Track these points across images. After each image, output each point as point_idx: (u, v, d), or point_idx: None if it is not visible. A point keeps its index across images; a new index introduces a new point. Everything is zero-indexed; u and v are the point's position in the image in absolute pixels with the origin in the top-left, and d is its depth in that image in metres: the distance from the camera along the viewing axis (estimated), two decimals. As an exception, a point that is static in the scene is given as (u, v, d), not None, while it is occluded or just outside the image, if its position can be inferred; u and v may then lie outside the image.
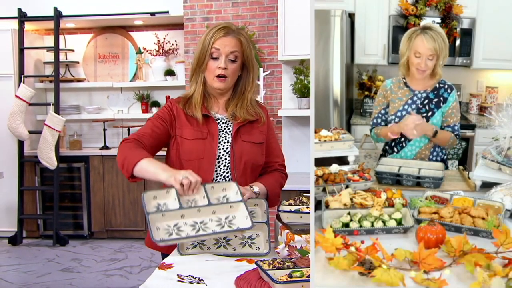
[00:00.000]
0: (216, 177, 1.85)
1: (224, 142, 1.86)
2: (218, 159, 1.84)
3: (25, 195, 5.31)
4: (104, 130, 5.49)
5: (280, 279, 1.32)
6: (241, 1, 4.67)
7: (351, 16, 1.71)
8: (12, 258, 4.73)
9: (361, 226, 1.29)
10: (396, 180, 1.57)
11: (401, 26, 1.65)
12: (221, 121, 1.88)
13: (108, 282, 3.99)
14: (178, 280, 1.42)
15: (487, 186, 1.46)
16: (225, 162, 1.85)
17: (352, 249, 1.12)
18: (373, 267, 1.07)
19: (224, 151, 1.85)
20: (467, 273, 1.08)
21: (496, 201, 1.37)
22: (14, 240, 5.18)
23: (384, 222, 1.30)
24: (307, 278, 1.32)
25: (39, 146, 5.03)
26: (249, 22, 4.65)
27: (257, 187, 1.86)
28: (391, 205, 1.36)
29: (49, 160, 5.01)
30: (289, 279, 1.33)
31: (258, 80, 4.06)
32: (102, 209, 5.28)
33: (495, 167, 1.48)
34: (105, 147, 5.45)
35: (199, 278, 1.44)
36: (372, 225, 1.29)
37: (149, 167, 1.64)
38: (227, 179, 1.86)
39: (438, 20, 1.67)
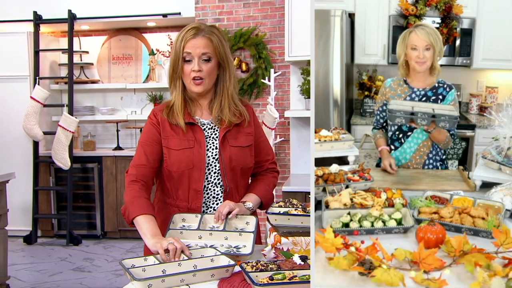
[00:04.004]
0: (207, 184, 1.83)
1: (212, 149, 1.83)
2: (208, 166, 1.82)
3: (39, 195, 5.38)
4: (118, 131, 5.55)
5: (261, 282, 1.32)
6: (252, 1, 4.68)
7: (351, 16, 1.71)
8: (26, 257, 4.79)
9: (361, 226, 1.29)
10: (409, 119, 1.55)
11: (401, 26, 1.65)
12: (207, 126, 1.85)
13: (118, 282, 4.01)
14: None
15: (487, 186, 1.46)
16: (215, 169, 1.83)
17: (352, 249, 1.12)
18: (373, 267, 1.07)
19: (213, 158, 1.83)
20: (467, 273, 1.08)
21: (496, 201, 1.37)
22: (29, 239, 5.25)
23: (384, 222, 1.30)
24: (288, 281, 1.32)
25: (53, 147, 5.10)
26: (260, 22, 4.66)
27: (251, 202, 1.84)
28: (391, 205, 1.36)
29: (63, 161, 5.07)
30: (269, 282, 1.32)
31: (267, 79, 4.05)
32: (115, 209, 5.30)
33: (495, 167, 1.47)
34: (118, 147, 5.49)
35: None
36: (372, 225, 1.29)
37: (142, 226, 1.67)
38: (219, 186, 1.84)
39: (438, 20, 1.67)
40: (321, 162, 1.56)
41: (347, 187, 1.47)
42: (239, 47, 4.66)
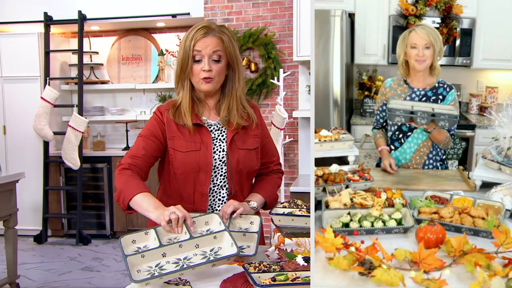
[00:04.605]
0: (213, 187, 1.81)
1: (219, 151, 1.80)
2: (214, 169, 1.79)
3: (50, 195, 5.44)
4: (127, 131, 5.59)
5: (263, 283, 1.32)
6: (261, 1, 4.68)
7: (351, 16, 1.71)
8: (36, 256, 4.84)
9: (361, 226, 1.29)
10: (409, 118, 1.55)
11: (401, 26, 1.65)
12: (214, 127, 1.82)
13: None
14: (165, 282, 1.41)
15: (487, 186, 1.46)
16: (222, 171, 1.80)
17: (352, 249, 1.12)
18: (373, 267, 1.07)
19: (220, 160, 1.80)
20: (467, 273, 1.08)
21: (496, 201, 1.37)
22: (39, 239, 5.31)
23: (384, 222, 1.30)
24: (290, 282, 1.32)
25: (63, 147, 5.15)
26: (269, 22, 4.66)
27: (255, 201, 1.82)
28: (391, 205, 1.36)
29: (73, 161, 5.12)
30: (272, 282, 1.32)
31: (276, 79, 4.03)
32: (124, 209, 5.35)
33: (495, 167, 1.47)
34: (128, 148, 5.54)
35: (185, 280, 1.43)
36: (372, 225, 1.29)
37: (142, 203, 1.62)
38: (224, 188, 1.82)
39: (438, 20, 1.67)
40: (321, 162, 1.55)
41: (347, 187, 1.47)
42: (248, 47, 4.65)
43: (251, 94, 4.68)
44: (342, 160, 1.62)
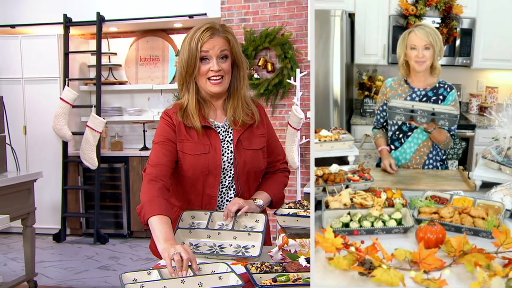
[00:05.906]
0: (221, 188, 1.81)
1: (228, 153, 1.80)
2: (222, 171, 1.79)
3: (68, 194, 5.51)
4: (144, 131, 5.64)
5: (264, 283, 1.31)
6: (278, 1, 4.68)
7: (351, 16, 1.71)
8: (55, 255, 4.93)
9: (361, 226, 1.29)
10: (409, 117, 1.55)
11: (401, 26, 1.65)
12: (221, 129, 1.82)
13: None
14: None
15: (487, 186, 1.46)
16: (230, 173, 1.81)
17: (352, 249, 1.12)
18: (373, 267, 1.07)
19: (228, 162, 1.80)
20: (467, 273, 1.08)
21: (496, 201, 1.37)
22: (58, 237, 5.39)
23: (384, 222, 1.30)
24: (291, 283, 1.31)
25: (81, 147, 5.21)
26: (286, 22, 4.66)
27: (261, 199, 1.82)
28: (391, 205, 1.36)
29: (91, 161, 5.18)
30: (272, 283, 1.31)
31: (293, 79, 4.01)
32: (141, 209, 5.41)
33: (495, 167, 1.47)
34: (145, 148, 5.57)
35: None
36: (372, 225, 1.29)
37: (155, 228, 1.56)
38: (232, 189, 1.82)
39: (438, 20, 1.67)
40: (321, 162, 1.55)
41: (347, 187, 1.47)
42: (264, 47, 4.64)
43: (268, 94, 4.66)
44: (342, 160, 1.62)
